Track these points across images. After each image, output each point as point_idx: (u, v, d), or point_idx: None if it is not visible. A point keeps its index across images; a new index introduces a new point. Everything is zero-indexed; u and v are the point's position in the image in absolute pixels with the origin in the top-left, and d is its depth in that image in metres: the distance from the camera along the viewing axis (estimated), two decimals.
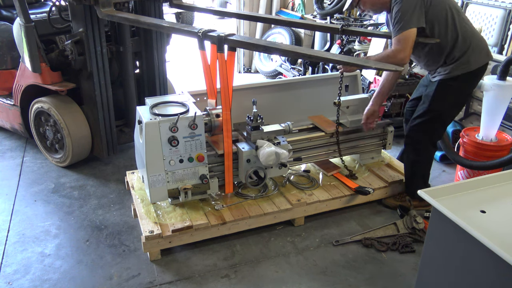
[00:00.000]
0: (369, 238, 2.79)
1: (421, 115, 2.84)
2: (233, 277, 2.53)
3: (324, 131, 3.12)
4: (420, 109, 2.87)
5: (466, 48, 2.66)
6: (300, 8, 6.21)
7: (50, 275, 2.53)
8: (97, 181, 3.52)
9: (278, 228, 2.94)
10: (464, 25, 2.67)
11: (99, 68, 3.26)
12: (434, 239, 1.75)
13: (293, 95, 3.38)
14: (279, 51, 2.40)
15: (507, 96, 3.02)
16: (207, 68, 2.63)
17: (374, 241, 2.77)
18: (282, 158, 2.71)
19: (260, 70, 6.29)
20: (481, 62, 2.72)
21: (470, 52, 2.67)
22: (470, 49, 2.67)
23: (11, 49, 3.76)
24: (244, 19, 5.98)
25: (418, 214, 2.85)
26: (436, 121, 2.85)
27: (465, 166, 3.19)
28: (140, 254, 2.69)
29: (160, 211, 2.79)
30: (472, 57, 2.68)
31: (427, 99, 2.82)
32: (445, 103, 2.79)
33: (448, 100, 2.78)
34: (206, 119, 2.74)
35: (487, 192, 1.79)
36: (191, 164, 2.69)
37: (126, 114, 3.73)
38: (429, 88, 2.84)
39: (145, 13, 3.48)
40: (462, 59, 2.68)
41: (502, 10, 3.87)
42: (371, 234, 2.84)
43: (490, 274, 1.51)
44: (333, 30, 3.23)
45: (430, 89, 2.82)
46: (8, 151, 3.99)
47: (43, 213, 3.11)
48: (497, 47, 3.96)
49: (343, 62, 2.33)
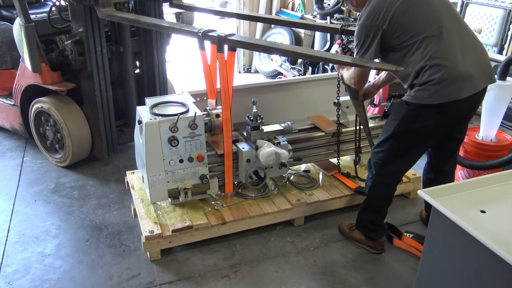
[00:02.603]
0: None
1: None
2: (233, 277, 2.53)
3: (324, 131, 3.12)
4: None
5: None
6: (300, 8, 6.20)
7: (50, 275, 2.53)
8: (97, 181, 3.52)
9: (278, 228, 2.94)
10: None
11: (99, 68, 3.26)
12: (434, 239, 1.75)
13: (293, 95, 3.37)
14: (279, 51, 2.40)
15: (507, 96, 3.02)
16: (207, 68, 2.63)
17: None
18: (282, 158, 2.71)
19: (260, 70, 6.29)
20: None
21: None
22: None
23: (11, 49, 3.75)
24: (244, 19, 5.98)
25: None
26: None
27: (465, 166, 3.19)
28: (140, 254, 2.69)
29: (160, 211, 2.79)
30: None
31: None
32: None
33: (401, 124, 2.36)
34: (206, 119, 2.74)
35: (487, 192, 1.79)
36: (191, 164, 2.69)
37: (126, 114, 3.72)
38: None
39: (145, 13, 3.48)
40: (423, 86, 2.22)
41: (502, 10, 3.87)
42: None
43: (490, 274, 1.51)
44: (333, 30, 3.23)
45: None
46: (8, 151, 3.99)
47: (43, 213, 3.11)
48: (497, 47, 3.96)
49: (343, 62, 2.33)
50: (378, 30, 2.20)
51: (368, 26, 2.23)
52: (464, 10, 4.19)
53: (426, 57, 2.16)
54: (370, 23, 2.22)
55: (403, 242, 2.76)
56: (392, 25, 2.19)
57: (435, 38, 2.16)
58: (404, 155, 2.45)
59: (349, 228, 2.84)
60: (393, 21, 2.18)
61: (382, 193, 2.60)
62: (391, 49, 2.27)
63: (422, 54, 2.17)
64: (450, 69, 2.15)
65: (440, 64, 2.15)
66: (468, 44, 2.26)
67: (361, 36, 2.26)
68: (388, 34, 2.21)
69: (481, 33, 4.07)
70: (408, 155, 2.46)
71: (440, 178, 2.62)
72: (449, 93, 2.17)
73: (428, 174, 2.74)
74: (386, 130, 2.44)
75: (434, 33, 2.17)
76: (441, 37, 2.17)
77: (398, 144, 2.41)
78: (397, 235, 2.82)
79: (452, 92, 2.17)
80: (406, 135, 2.37)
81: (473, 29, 4.09)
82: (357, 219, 2.75)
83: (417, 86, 2.22)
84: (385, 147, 2.44)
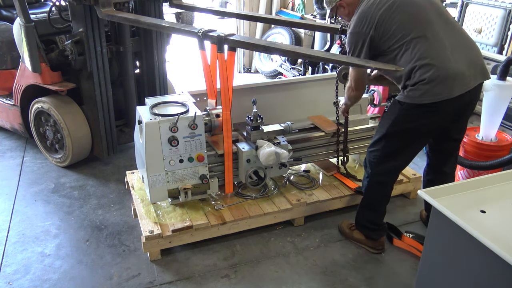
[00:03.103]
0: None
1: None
2: (233, 277, 2.53)
3: (324, 131, 3.12)
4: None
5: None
6: (300, 8, 6.20)
7: (50, 275, 2.53)
8: (97, 181, 3.52)
9: (278, 228, 2.94)
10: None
11: (99, 68, 3.26)
12: (434, 239, 1.75)
13: (293, 95, 3.37)
14: (279, 51, 2.40)
15: (507, 96, 3.02)
16: (207, 68, 2.63)
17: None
18: (282, 158, 2.71)
19: (260, 70, 6.29)
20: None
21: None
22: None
23: (11, 49, 3.75)
24: (244, 19, 5.98)
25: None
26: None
27: (465, 166, 3.19)
28: (140, 254, 2.69)
29: (160, 211, 2.79)
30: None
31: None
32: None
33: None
34: (206, 119, 2.74)
35: (487, 192, 1.79)
36: (191, 164, 2.69)
37: (126, 114, 3.72)
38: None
39: (145, 13, 3.48)
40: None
41: (502, 10, 3.87)
42: None
43: (490, 274, 1.51)
44: (333, 30, 3.23)
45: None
46: (8, 151, 3.99)
47: (43, 213, 3.11)
48: (497, 47, 3.96)
49: (343, 62, 2.34)
50: (366, 37, 2.26)
51: (357, 33, 2.30)
52: (464, 10, 4.19)
53: (415, 58, 2.19)
54: (359, 30, 2.29)
55: (403, 242, 2.76)
56: (378, 30, 2.24)
57: (422, 38, 2.19)
58: (398, 153, 2.46)
59: (349, 228, 2.84)
60: (379, 27, 2.24)
61: (379, 191, 2.61)
62: (381, 53, 2.31)
63: (411, 55, 2.20)
64: (440, 68, 2.17)
65: (429, 63, 2.17)
66: (457, 42, 2.27)
67: (351, 44, 2.34)
68: (375, 39, 2.26)
69: (481, 33, 4.07)
70: (402, 153, 2.48)
71: (439, 180, 2.61)
72: (440, 92, 2.18)
73: (428, 176, 2.74)
74: (380, 129, 2.46)
75: (421, 34, 2.19)
76: (428, 36, 2.19)
77: (392, 143, 2.43)
78: (397, 235, 2.82)
79: (443, 91, 2.18)
80: (399, 134, 2.39)
81: (473, 29, 4.11)
82: (356, 219, 2.75)
83: (409, 86, 2.24)
84: (379, 146, 2.46)
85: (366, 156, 2.57)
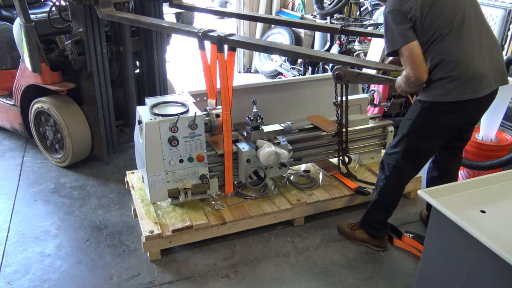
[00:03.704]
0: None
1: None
2: (233, 277, 2.53)
3: (324, 131, 3.12)
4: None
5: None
6: (300, 8, 6.21)
7: (50, 275, 2.53)
8: (97, 181, 3.52)
9: (278, 228, 2.94)
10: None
11: (99, 68, 3.26)
12: (434, 239, 1.75)
13: (293, 95, 3.37)
14: (279, 51, 2.40)
15: (507, 96, 3.02)
16: (207, 68, 2.63)
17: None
18: (282, 158, 2.71)
19: (260, 70, 6.29)
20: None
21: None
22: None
23: (11, 49, 3.76)
24: (244, 19, 5.98)
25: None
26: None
27: (465, 166, 3.19)
28: (140, 254, 2.69)
29: (160, 211, 2.79)
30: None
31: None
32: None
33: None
34: (206, 119, 2.74)
35: (487, 192, 1.79)
36: (191, 164, 2.69)
37: (126, 114, 3.73)
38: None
39: (145, 13, 3.48)
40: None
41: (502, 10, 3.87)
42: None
43: (490, 274, 1.51)
44: (333, 30, 3.23)
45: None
46: (8, 151, 3.99)
47: (43, 213, 3.11)
48: None
49: (343, 62, 2.34)
50: (417, 15, 2.10)
51: (397, 11, 2.12)
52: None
53: (445, 52, 2.13)
54: (399, 8, 2.12)
55: (403, 242, 2.76)
56: (423, 12, 2.10)
57: (457, 34, 2.13)
58: (418, 154, 2.45)
59: (350, 228, 2.84)
60: (426, 10, 2.10)
61: (394, 193, 2.60)
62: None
63: (441, 48, 2.13)
64: (468, 67, 2.14)
65: (458, 60, 2.13)
66: (487, 44, 2.24)
67: (389, 23, 2.15)
68: (418, 25, 2.12)
69: None
70: (422, 154, 2.47)
71: (444, 176, 2.63)
72: (465, 92, 2.16)
73: (432, 172, 2.74)
74: (401, 130, 2.44)
75: (456, 30, 2.13)
76: (463, 34, 2.14)
77: (414, 142, 2.40)
78: (397, 235, 2.82)
79: (468, 91, 2.16)
80: (421, 134, 2.37)
81: None
82: (364, 218, 2.75)
83: (432, 82, 2.19)
84: (400, 147, 2.43)
85: (383, 158, 2.55)
